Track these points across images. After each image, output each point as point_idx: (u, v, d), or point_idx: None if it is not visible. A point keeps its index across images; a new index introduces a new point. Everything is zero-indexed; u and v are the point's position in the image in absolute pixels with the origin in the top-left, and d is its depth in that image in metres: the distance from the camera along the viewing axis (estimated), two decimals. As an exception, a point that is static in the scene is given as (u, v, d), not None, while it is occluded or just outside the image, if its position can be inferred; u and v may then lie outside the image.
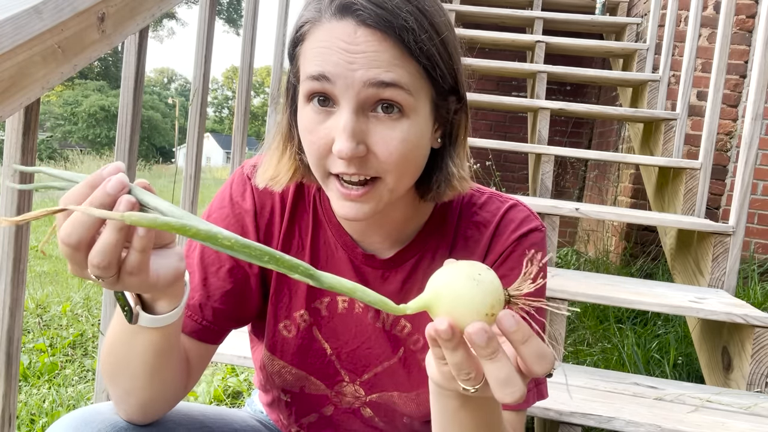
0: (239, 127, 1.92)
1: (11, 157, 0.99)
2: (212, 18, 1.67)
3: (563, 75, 3.03)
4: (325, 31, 0.61)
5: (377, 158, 0.62)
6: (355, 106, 0.61)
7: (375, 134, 0.62)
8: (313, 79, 0.61)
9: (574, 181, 4.68)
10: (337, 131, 0.61)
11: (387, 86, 0.60)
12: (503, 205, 0.77)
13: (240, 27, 29.31)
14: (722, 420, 1.24)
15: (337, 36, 0.60)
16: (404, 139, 0.62)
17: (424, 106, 0.64)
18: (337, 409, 0.83)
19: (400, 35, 0.59)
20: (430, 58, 0.62)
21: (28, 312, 2.51)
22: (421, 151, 0.66)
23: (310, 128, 0.64)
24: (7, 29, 0.86)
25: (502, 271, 0.73)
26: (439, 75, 0.63)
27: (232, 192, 0.78)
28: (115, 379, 0.67)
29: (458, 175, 0.70)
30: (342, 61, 0.60)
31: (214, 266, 0.75)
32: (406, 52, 0.60)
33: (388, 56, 0.60)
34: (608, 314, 2.47)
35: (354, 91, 0.60)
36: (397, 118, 0.62)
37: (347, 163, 0.61)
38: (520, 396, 0.47)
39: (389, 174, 0.63)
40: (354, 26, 0.60)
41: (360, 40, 0.59)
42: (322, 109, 0.63)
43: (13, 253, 1.00)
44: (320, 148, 0.63)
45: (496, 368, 0.47)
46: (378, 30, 0.59)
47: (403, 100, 0.61)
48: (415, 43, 0.60)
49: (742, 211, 1.80)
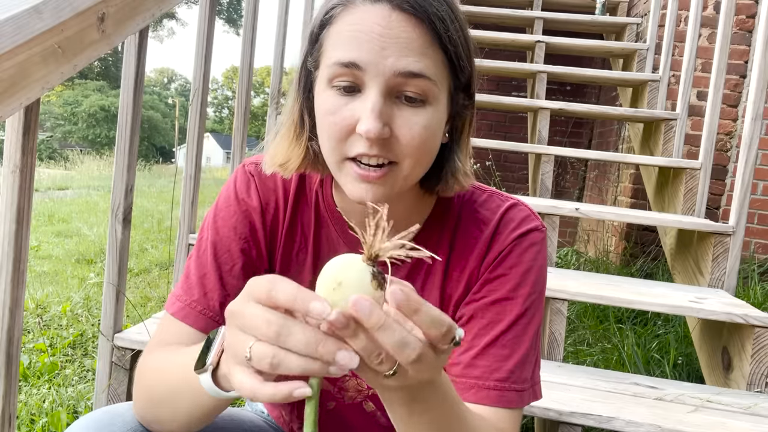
0: (239, 127, 1.92)
1: (11, 157, 0.99)
2: (212, 18, 1.67)
3: (563, 75, 3.03)
4: (358, 13, 0.62)
5: (399, 142, 0.63)
6: (383, 89, 0.61)
7: (399, 118, 0.63)
8: (342, 66, 0.62)
9: (574, 181, 4.68)
10: (364, 112, 0.61)
11: (415, 77, 0.61)
12: (504, 204, 0.77)
13: (240, 27, 29.30)
14: (722, 420, 1.24)
15: (371, 20, 0.61)
16: (426, 126, 0.63)
17: (443, 97, 0.66)
18: (340, 403, 0.83)
19: (433, 22, 0.61)
20: (456, 48, 0.64)
21: (28, 312, 2.51)
22: (436, 141, 0.67)
23: (332, 110, 0.63)
24: (7, 29, 0.86)
25: (501, 270, 0.73)
26: (460, 67, 0.65)
27: (237, 190, 0.78)
28: (154, 407, 0.67)
29: (463, 169, 0.71)
30: (375, 48, 0.60)
31: (228, 264, 0.75)
32: (436, 40, 0.62)
33: (420, 44, 0.61)
34: (608, 314, 2.47)
35: (384, 78, 0.61)
36: (421, 105, 0.63)
37: (370, 144, 0.62)
38: (419, 353, 0.44)
39: (407, 159, 0.64)
40: (389, 10, 0.61)
41: (394, 24, 0.60)
42: (346, 94, 0.63)
43: (13, 253, 1.00)
44: (342, 129, 0.63)
45: (388, 335, 0.43)
46: (413, 15, 0.61)
47: (429, 89, 0.62)
48: (445, 32, 0.62)
49: (742, 211, 1.80)
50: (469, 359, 0.71)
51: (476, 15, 3.65)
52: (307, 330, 0.43)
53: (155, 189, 8.31)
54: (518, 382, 0.70)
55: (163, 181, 10.08)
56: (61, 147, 28.34)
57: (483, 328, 0.71)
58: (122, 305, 1.41)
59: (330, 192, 0.78)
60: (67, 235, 4.55)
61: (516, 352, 0.71)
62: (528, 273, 0.73)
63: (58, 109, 30.56)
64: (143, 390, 0.69)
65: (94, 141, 29.13)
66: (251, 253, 0.76)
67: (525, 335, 0.71)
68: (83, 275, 3.26)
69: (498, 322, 0.71)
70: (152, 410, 0.68)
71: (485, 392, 0.69)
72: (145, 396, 0.69)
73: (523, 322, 0.71)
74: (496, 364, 0.70)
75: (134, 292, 2.95)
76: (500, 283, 0.72)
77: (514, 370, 0.70)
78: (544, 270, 0.76)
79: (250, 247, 0.76)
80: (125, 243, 1.39)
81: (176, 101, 18.85)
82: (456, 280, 0.75)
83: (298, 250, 0.78)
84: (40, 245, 4.09)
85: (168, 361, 0.67)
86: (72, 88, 30.63)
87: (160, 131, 32.54)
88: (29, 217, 1.02)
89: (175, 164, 17.02)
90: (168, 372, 0.66)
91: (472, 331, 0.72)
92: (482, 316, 0.72)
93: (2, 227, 1.00)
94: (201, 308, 0.74)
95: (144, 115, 15.81)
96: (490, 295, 0.72)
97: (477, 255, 0.74)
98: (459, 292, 0.75)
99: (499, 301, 0.72)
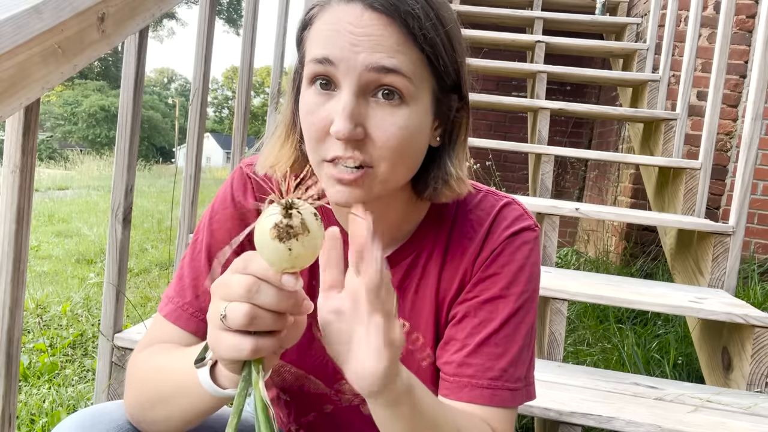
0: (239, 127, 1.92)
1: (11, 157, 0.99)
2: (212, 18, 1.67)
3: (563, 75, 3.03)
4: (332, 13, 0.62)
5: (374, 143, 0.62)
6: (356, 88, 0.61)
7: (374, 118, 0.62)
8: (317, 62, 0.62)
9: (574, 181, 4.69)
10: (336, 112, 0.61)
11: (388, 72, 0.61)
12: (497, 203, 0.77)
13: (240, 27, 29.30)
14: (722, 420, 1.24)
15: (344, 18, 0.61)
16: (403, 126, 0.62)
17: (424, 97, 0.65)
18: (337, 407, 0.83)
19: (405, 20, 0.61)
20: (434, 48, 0.63)
21: (28, 312, 2.51)
22: (418, 144, 0.66)
23: (311, 110, 0.64)
24: (7, 29, 0.86)
25: (494, 269, 0.73)
26: (441, 67, 0.64)
27: (233, 191, 0.78)
28: (148, 409, 0.67)
29: (456, 175, 0.70)
30: (346, 44, 0.61)
31: (222, 267, 0.75)
32: (410, 38, 0.61)
33: (392, 41, 0.61)
34: (608, 314, 2.47)
35: (356, 74, 0.61)
36: (397, 104, 0.62)
37: (344, 145, 0.62)
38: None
39: (383, 162, 0.63)
40: (361, 9, 0.61)
41: (365, 23, 0.61)
42: (323, 92, 0.63)
43: (13, 253, 1.00)
44: (318, 131, 0.63)
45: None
46: (384, 14, 0.60)
47: (404, 87, 0.62)
48: (420, 30, 0.61)
49: (742, 211, 1.80)
50: (462, 358, 0.71)
51: (476, 15, 3.65)
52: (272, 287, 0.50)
53: (155, 189, 8.31)
54: (511, 381, 0.70)
55: (163, 181, 10.08)
56: (61, 147, 28.34)
57: (476, 326, 0.71)
58: (122, 305, 1.41)
59: (324, 193, 0.78)
60: (67, 235, 4.54)
61: (509, 350, 0.71)
62: (520, 271, 0.73)
63: (58, 109, 30.55)
64: (136, 391, 0.69)
65: (94, 141, 29.12)
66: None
67: (518, 334, 0.71)
68: (83, 275, 3.26)
69: (491, 320, 0.71)
70: (146, 411, 0.68)
71: (478, 391, 0.69)
72: (138, 397, 0.69)
73: (515, 320, 0.71)
74: (489, 362, 0.70)
75: (134, 292, 2.95)
76: (492, 282, 0.72)
77: (507, 368, 0.70)
78: (537, 269, 0.75)
79: (245, 250, 0.76)
80: (125, 243, 1.39)
81: (176, 101, 18.87)
82: (450, 281, 0.75)
83: None
84: (40, 245, 4.09)
85: (163, 364, 0.67)
86: (72, 88, 30.62)
87: (160, 131, 32.53)
88: (29, 217, 1.02)
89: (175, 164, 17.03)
90: (163, 375, 0.66)
91: (465, 330, 0.72)
92: (475, 315, 0.72)
93: (2, 227, 1.00)
94: (193, 311, 0.74)
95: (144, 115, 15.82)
96: (482, 293, 0.72)
97: (471, 254, 0.74)
98: (452, 292, 0.75)
99: (492, 299, 0.72)
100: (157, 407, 0.66)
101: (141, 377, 0.69)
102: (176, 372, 0.64)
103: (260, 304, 0.50)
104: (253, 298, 0.50)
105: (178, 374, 0.63)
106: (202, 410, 0.62)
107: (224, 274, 0.53)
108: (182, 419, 0.65)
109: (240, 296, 0.50)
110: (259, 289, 0.50)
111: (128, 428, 0.70)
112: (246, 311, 0.50)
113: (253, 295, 0.50)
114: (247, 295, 0.49)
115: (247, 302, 0.50)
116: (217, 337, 0.53)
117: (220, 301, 0.52)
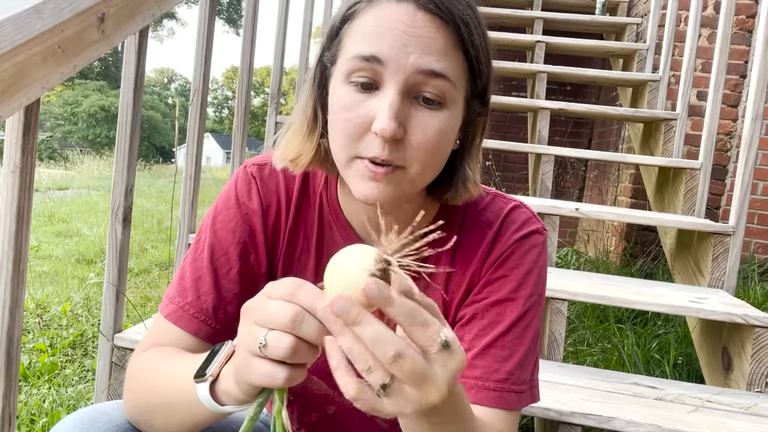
0: (239, 127, 1.92)
1: (11, 157, 0.99)
2: (212, 18, 1.68)
3: (563, 75, 3.03)
4: (382, 10, 0.61)
5: (411, 144, 0.62)
6: (402, 88, 0.61)
7: (415, 119, 0.62)
8: (362, 59, 0.61)
9: (574, 181, 4.68)
10: (380, 110, 0.60)
11: (436, 76, 0.61)
12: (506, 206, 0.77)
13: (240, 27, 29.29)
14: (722, 420, 1.24)
15: (395, 17, 0.60)
16: (441, 129, 0.63)
17: (460, 102, 0.65)
18: (340, 408, 0.82)
19: (457, 25, 0.61)
20: (478, 54, 0.63)
21: (28, 312, 2.51)
22: (448, 147, 0.67)
23: (349, 106, 0.63)
24: (7, 29, 0.86)
25: (503, 271, 0.73)
26: (478, 73, 0.65)
27: (237, 192, 0.77)
28: (146, 412, 0.67)
29: (473, 178, 0.71)
30: (397, 44, 0.60)
31: (224, 268, 0.74)
32: (459, 43, 0.62)
33: (442, 45, 0.61)
34: (608, 314, 2.47)
35: (404, 75, 0.60)
36: (438, 108, 0.63)
37: (383, 144, 0.61)
38: (397, 350, 0.43)
39: (416, 163, 0.63)
40: (414, 9, 0.60)
41: (418, 24, 0.60)
42: (363, 91, 0.62)
43: (13, 253, 1.00)
44: (356, 127, 0.62)
45: (362, 330, 0.43)
46: (437, 17, 0.60)
47: (447, 91, 0.62)
48: (469, 36, 0.62)
49: (742, 211, 1.80)
50: (469, 360, 0.71)
51: (476, 15, 3.64)
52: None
53: (155, 189, 8.31)
54: (517, 383, 0.70)
55: (163, 181, 10.08)
56: (61, 147, 28.35)
57: (483, 328, 0.71)
58: (122, 305, 1.41)
59: (335, 194, 0.77)
60: (67, 235, 4.54)
61: (515, 353, 0.71)
62: (529, 275, 0.73)
63: (58, 109, 30.55)
64: (135, 394, 0.69)
65: (94, 141, 29.13)
66: (249, 257, 0.76)
67: (524, 337, 0.71)
68: (83, 275, 3.26)
69: (498, 323, 0.71)
70: (144, 414, 0.68)
71: (485, 393, 0.69)
72: (137, 400, 0.68)
73: (522, 323, 0.71)
74: (496, 365, 0.70)
75: (134, 292, 2.95)
76: (501, 285, 0.72)
77: (513, 371, 0.70)
78: (545, 272, 0.76)
79: (249, 252, 0.76)
80: (125, 243, 1.39)
81: (176, 101, 18.88)
82: (458, 283, 0.75)
83: (301, 252, 0.77)
84: (40, 245, 4.09)
85: (163, 371, 0.67)
86: (72, 88, 30.62)
87: (160, 131, 32.54)
88: (29, 217, 1.02)
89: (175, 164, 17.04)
90: (162, 383, 0.65)
91: (472, 332, 0.72)
92: (482, 317, 0.72)
93: (2, 227, 1.00)
94: (194, 311, 0.73)
95: (144, 115, 15.83)
96: (490, 296, 0.72)
97: (479, 256, 0.74)
98: (461, 294, 0.75)
99: (500, 302, 0.72)
100: (155, 413, 0.66)
101: (140, 381, 0.69)
102: (175, 382, 0.63)
103: (301, 336, 0.48)
104: (296, 329, 0.47)
105: (177, 384, 0.62)
106: (200, 421, 0.62)
107: (257, 297, 0.51)
108: (180, 428, 0.64)
109: (283, 325, 0.48)
110: (303, 320, 0.47)
111: (127, 428, 0.69)
112: (290, 344, 0.48)
113: (297, 325, 0.47)
114: (291, 324, 0.47)
115: (290, 332, 0.48)
116: (249, 362, 0.50)
117: (254, 326, 0.50)
